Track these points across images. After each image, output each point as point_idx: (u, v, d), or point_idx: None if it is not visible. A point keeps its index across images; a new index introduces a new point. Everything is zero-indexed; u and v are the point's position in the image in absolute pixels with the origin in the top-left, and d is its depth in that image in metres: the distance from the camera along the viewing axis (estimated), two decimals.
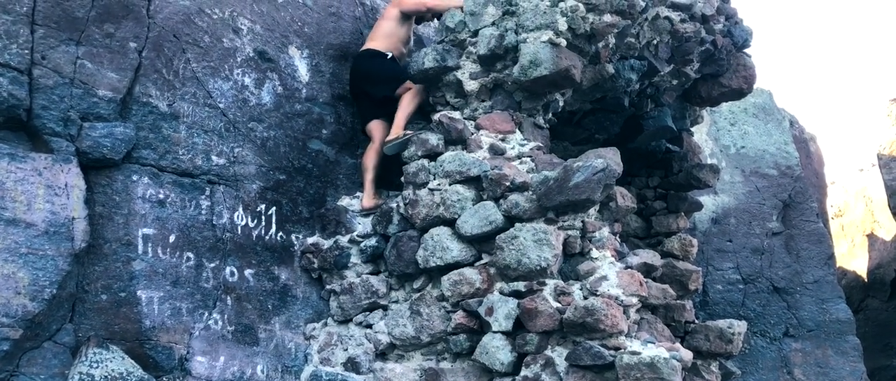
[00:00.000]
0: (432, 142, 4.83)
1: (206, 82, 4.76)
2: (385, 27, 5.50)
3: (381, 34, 5.46)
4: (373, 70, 5.33)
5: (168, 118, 4.54)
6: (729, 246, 9.70)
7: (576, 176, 4.19)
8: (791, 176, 10.57)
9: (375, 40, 5.43)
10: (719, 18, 5.32)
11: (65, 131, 4.10)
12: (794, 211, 10.56)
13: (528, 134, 4.91)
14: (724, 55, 5.52)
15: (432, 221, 4.59)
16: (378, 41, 5.42)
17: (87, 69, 4.23)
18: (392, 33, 5.48)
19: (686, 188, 6.11)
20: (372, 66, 5.34)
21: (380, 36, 5.45)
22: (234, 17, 5.00)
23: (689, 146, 6.09)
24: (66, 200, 3.99)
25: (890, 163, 11.98)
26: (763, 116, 11.06)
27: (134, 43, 4.46)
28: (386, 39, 5.43)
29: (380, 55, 5.35)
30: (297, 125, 5.20)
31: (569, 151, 6.03)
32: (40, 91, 4.04)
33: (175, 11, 4.68)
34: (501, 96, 4.98)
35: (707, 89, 5.77)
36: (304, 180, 5.15)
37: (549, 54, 4.57)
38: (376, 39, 5.43)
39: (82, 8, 4.26)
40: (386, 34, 5.46)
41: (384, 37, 5.45)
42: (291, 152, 5.12)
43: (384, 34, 5.46)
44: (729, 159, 10.31)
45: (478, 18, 4.94)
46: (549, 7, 4.63)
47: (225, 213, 4.69)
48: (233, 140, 4.82)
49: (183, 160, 4.56)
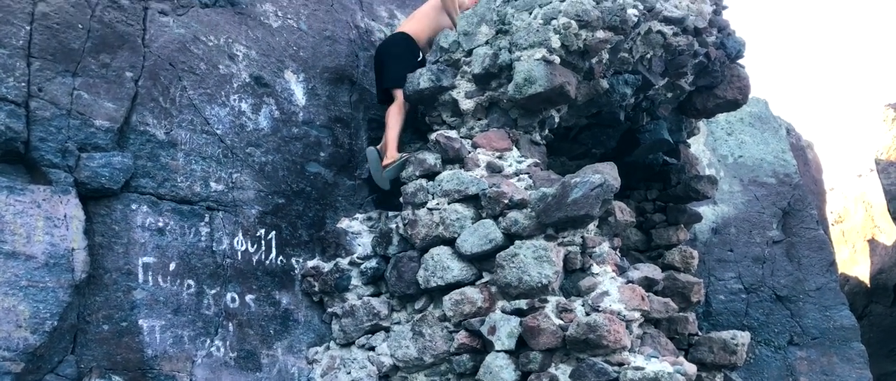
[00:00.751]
0: (430, 161, 4.84)
1: (203, 109, 4.78)
2: (426, 10, 5.61)
3: (419, 15, 5.61)
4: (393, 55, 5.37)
5: (166, 146, 4.55)
6: (730, 256, 9.69)
7: (574, 192, 4.20)
8: (790, 184, 10.59)
9: (411, 22, 5.58)
10: (712, 31, 5.35)
11: (63, 162, 4.11)
12: (794, 219, 10.56)
13: (525, 151, 4.93)
14: (718, 67, 5.55)
15: (432, 240, 4.59)
16: (412, 24, 5.54)
17: (83, 100, 4.25)
18: (431, 19, 5.54)
19: (685, 200, 6.12)
20: (396, 52, 5.37)
21: (417, 18, 5.60)
22: (229, 44, 5.03)
23: (687, 158, 6.10)
24: (65, 231, 3.99)
25: (888, 168, 12.00)
26: (759, 124, 11.09)
27: (130, 72, 4.48)
28: (418, 22, 5.54)
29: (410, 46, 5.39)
30: (294, 149, 5.21)
31: (566, 166, 6.04)
32: (38, 123, 4.05)
33: (170, 40, 4.70)
34: (497, 114, 5.00)
35: (702, 101, 5.79)
36: (303, 203, 5.15)
37: (544, 72, 4.60)
38: (412, 21, 5.59)
39: (78, 39, 4.28)
40: (421, 17, 5.59)
41: (418, 20, 5.57)
42: (290, 176, 5.13)
43: (422, 16, 5.60)
44: (727, 169, 10.33)
45: (471, 38, 4.97)
46: (542, 25, 4.66)
47: (225, 239, 4.69)
48: (231, 166, 4.83)
49: (181, 187, 4.56)
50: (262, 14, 5.30)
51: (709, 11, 5.23)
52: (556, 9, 4.66)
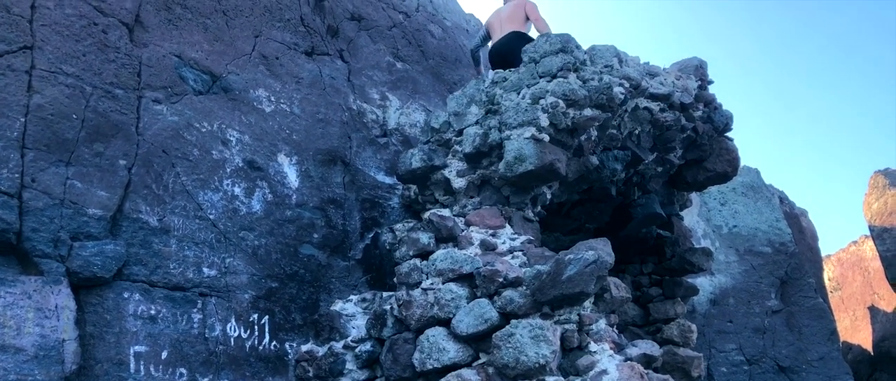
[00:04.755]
0: (423, 241, 4.84)
1: (196, 194, 4.79)
2: (521, 17, 6.39)
3: (515, 20, 6.41)
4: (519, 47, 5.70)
5: (158, 233, 4.54)
6: (730, 327, 9.60)
7: (568, 269, 4.18)
8: (785, 253, 10.58)
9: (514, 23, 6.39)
10: (698, 105, 5.43)
11: (55, 252, 4.09)
12: (792, 288, 10.51)
13: (518, 228, 4.93)
14: (706, 140, 5.62)
15: (427, 321, 4.54)
16: (516, 24, 6.38)
17: (76, 189, 4.26)
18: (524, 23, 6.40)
19: (680, 273, 6.10)
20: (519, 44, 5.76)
21: (515, 22, 6.40)
22: (222, 130, 5.08)
23: (680, 231, 6.11)
24: (56, 322, 3.94)
25: (883, 234, 12.02)
26: (752, 194, 11.16)
27: (123, 160, 4.51)
28: (520, 24, 6.38)
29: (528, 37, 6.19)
30: (287, 231, 5.21)
31: (560, 241, 6.04)
32: (30, 213, 4.05)
33: (164, 127, 4.76)
34: (489, 192, 5.03)
35: (692, 174, 5.84)
36: (297, 286, 5.12)
37: (533, 150, 4.64)
38: (514, 23, 6.40)
39: (72, 129, 4.33)
40: (518, 22, 6.40)
41: (518, 23, 6.38)
42: (283, 259, 5.11)
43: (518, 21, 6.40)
44: (722, 239, 10.34)
45: (462, 118, 5.04)
46: (530, 104, 4.73)
47: (217, 325, 4.63)
48: (224, 251, 4.81)
49: (174, 274, 4.54)
50: (256, 99, 5.38)
51: (694, 87, 5.33)
52: (543, 89, 4.74)
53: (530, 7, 6.29)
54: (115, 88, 4.58)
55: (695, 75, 5.48)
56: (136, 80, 4.73)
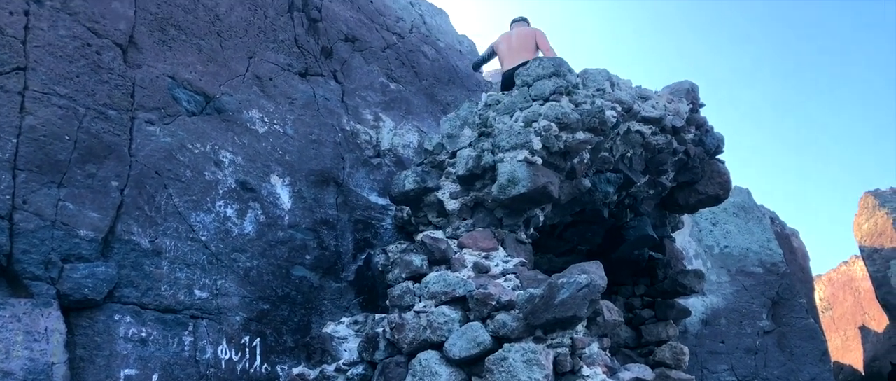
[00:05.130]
0: (416, 263, 4.83)
1: (189, 216, 4.78)
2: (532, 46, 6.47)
3: (527, 50, 6.44)
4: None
5: (150, 255, 4.52)
6: (722, 348, 9.60)
7: (561, 293, 4.19)
8: (777, 273, 10.61)
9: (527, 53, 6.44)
10: (690, 129, 5.46)
11: (45, 274, 4.06)
12: (784, 308, 10.53)
13: (511, 250, 4.93)
14: (698, 163, 5.64)
15: (419, 345, 4.53)
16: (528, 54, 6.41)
17: (68, 210, 4.24)
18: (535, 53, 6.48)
19: (672, 295, 6.11)
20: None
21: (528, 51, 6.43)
22: (215, 151, 5.08)
23: (672, 253, 6.12)
24: (45, 345, 3.91)
25: (873, 254, 12.07)
26: (743, 214, 11.20)
27: (116, 181, 4.50)
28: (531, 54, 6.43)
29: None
30: (280, 253, 5.19)
31: (553, 263, 6.05)
32: (21, 235, 4.02)
33: (157, 148, 4.75)
34: (483, 214, 5.03)
35: (684, 197, 5.86)
36: (289, 308, 5.10)
37: (526, 172, 4.66)
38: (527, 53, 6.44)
39: (65, 150, 4.31)
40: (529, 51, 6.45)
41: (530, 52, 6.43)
42: (275, 281, 5.10)
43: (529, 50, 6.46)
44: (714, 259, 10.36)
45: (455, 140, 5.05)
46: (523, 127, 4.75)
47: (208, 348, 4.60)
48: (216, 272, 4.79)
49: (165, 296, 4.51)
50: (249, 120, 5.39)
51: (686, 110, 5.36)
52: (536, 112, 4.76)
53: (540, 36, 6.38)
54: (108, 109, 4.58)
55: (686, 99, 5.51)
56: (129, 101, 4.72)
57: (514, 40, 6.47)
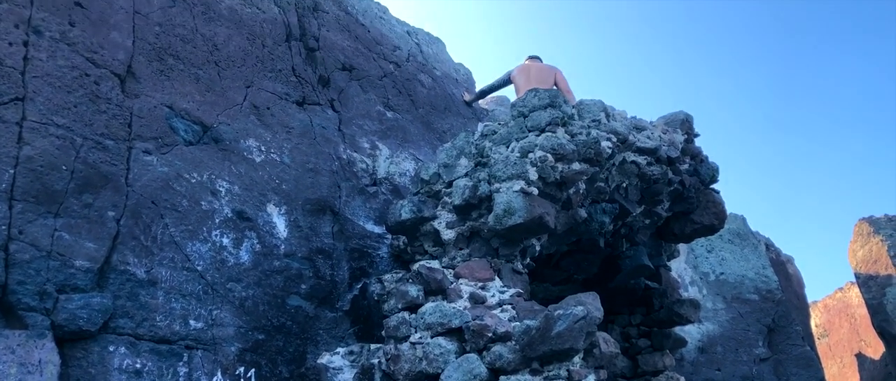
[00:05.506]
0: (412, 293, 4.83)
1: (185, 246, 4.77)
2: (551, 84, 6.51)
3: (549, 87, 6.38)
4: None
5: (146, 285, 4.51)
6: (718, 375, 9.58)
7: (557, 325, 4.18)
8: (772, 300, 10.60)
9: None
10: (685, 159, 5.50)
11: (40, 305, 4.04)
12: (780, 335, 10.52)
13: (507, 280, 4.93)
14: (693, 193, 5.67)
15: (415, 376, 4.51)
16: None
17: (64, 241, 4.23)
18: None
19: (669, 325, 6.11)
20: None
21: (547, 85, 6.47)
22: (212, 180, 5.09)
23: (668, 282, 6.13)
24: (39, 377, 3.88)
25: (868, 281, 12.08)
26: (739, 241, 11.22)
27: (112, 211, 4.50)
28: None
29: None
30: (275, 282, 5.19)
31: (550, 292, 6.05)
32: (16, 266, 4.01)
33: (154, 178, 4.76)
34: (479, 244, 5.04)
35: (680, 226, 5.88)
36: (284, 339, 5.08)
37: (522, 203, 4.67)
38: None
39: (61, 180, 4.32)
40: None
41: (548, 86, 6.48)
42: (270, 310, 5.08)
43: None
44: (709, 287, 10.36)
45: (451, 170, 5.07)
46: (519, 158, 4.77)
47: (203, 378, 4.58)
48: (211, 302, 4.78)
49: (160, 327, 4.49)
50: (246, 149, 5.40)
51: (681, 141, 5.39)
52: (532, 143, 4.79)
53: (560, 77, 6.47)
54: (105, 139, 4.59)
55: (681, 129, 5.55)
56: (126, 130, 4.74)
57: (534, 73, 6.51)
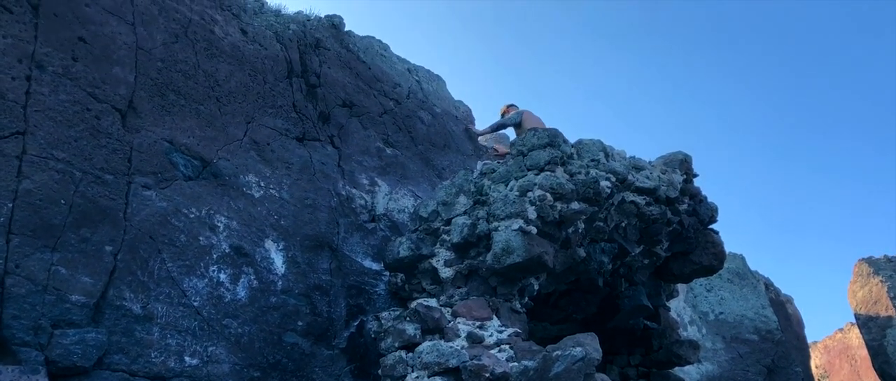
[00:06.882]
0: (409, 332, 4.79)
1: (181, 281, 4.75)
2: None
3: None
4: None
5: (141, 321, 4.47)
6: None
7: (555, 366, 4.15)
8: (772, 340, 10.54)
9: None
10: (684, 199, 5.50)
11: (34, 340, 4.01)
12: (780, 376, 10.44)
13: (505, 320, 4.90)
14: (692, 233, 5.66)
15: None
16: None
17: (60, 275, 4.21)
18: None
19: (668, 365, 6.06)
20: None
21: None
22: (210, 215, 5.08)
23: (667, 322, 6.09)
24: None
25: (868, 322, 12.02)
26: (738, 280, 11.18)
27: (110, 246, 4.48)
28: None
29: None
30: (272, 319, 5.15)
31: (548, 331, 6.00)
32: (11, 300, 3.98)
33: (152, 213, 4.75)
34: (477, 282, 5.02)
35: (679, 267, 5.86)
36: (280, 376, 5.02)
37: (521, 242, 4.66)
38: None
39: (60, 215, 4.31)
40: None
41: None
42: (266, 347, 5.04)
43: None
44: (709, 326, 10.30)
45: (450, 208, 5.07)
46: (518, 197, 4.78)
47: None
48: (206, 339, 4.74)
49: (155, 363, 4.45)
50: (245, 185, 5.40)
51: (679, 181, 5.40)
52: (531, 182, 4.80)
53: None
54: (104, 174, 4.59)
55: (680, 169, 5.56)
56: (126, 165, 4.74)
57: (536, 117, 6.82)
